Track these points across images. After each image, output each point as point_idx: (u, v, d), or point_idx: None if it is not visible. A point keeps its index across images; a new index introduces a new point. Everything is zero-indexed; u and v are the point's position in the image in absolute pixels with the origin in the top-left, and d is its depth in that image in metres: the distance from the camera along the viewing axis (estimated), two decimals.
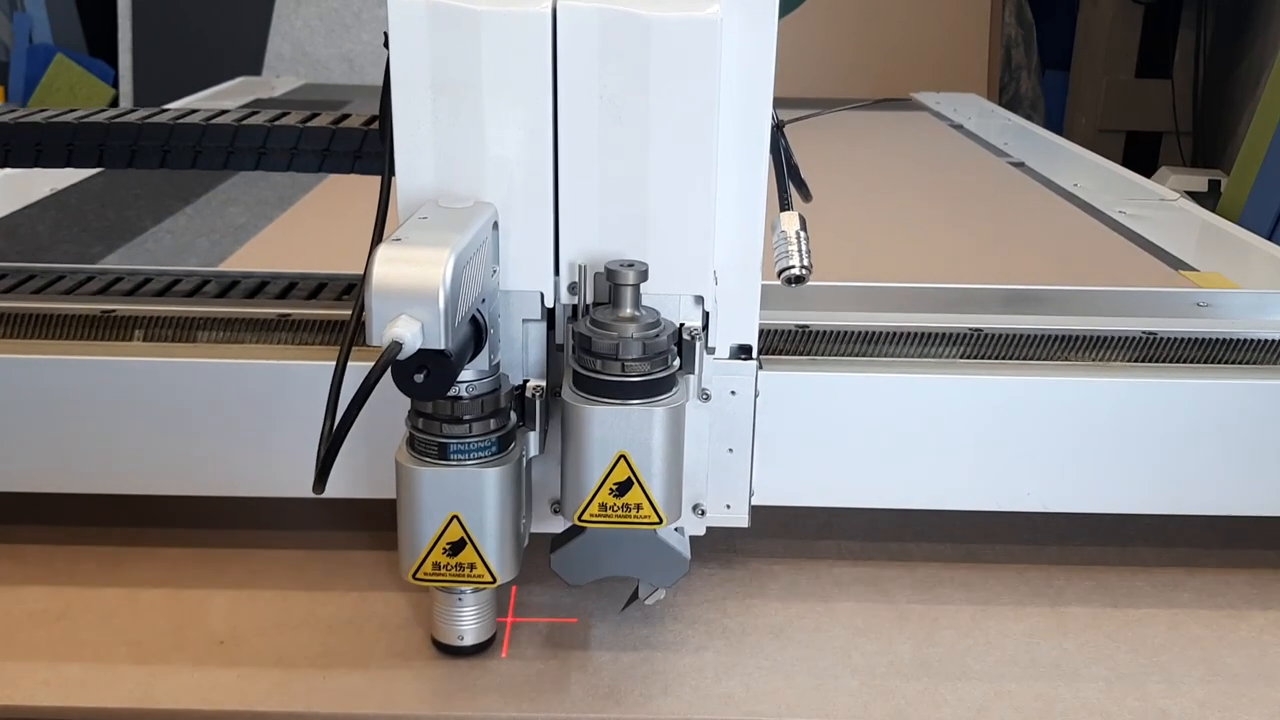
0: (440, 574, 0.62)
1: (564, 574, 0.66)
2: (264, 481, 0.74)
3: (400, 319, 0.52)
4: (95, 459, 0.73)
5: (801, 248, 0.68)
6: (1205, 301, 0.87)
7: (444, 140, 0.62)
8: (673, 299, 0.65)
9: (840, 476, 0.74)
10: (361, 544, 0.77)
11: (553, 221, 0.64)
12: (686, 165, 0.62)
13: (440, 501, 0.60)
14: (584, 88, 0.61)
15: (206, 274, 0.85)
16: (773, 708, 0.63)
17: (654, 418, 0.59)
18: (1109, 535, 0.81)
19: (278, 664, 0.65)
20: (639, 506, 0.61)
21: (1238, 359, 0.76)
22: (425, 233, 0.56)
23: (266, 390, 0.72)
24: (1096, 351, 0.76)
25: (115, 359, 0.72)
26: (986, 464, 0.73)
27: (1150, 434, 0.73)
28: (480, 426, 0.60)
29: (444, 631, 0.65)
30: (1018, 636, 0.70)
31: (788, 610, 0.71)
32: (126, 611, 0.70)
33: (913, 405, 0.72)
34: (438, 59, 0.61)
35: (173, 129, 0.77)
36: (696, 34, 0.60)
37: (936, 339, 0.76)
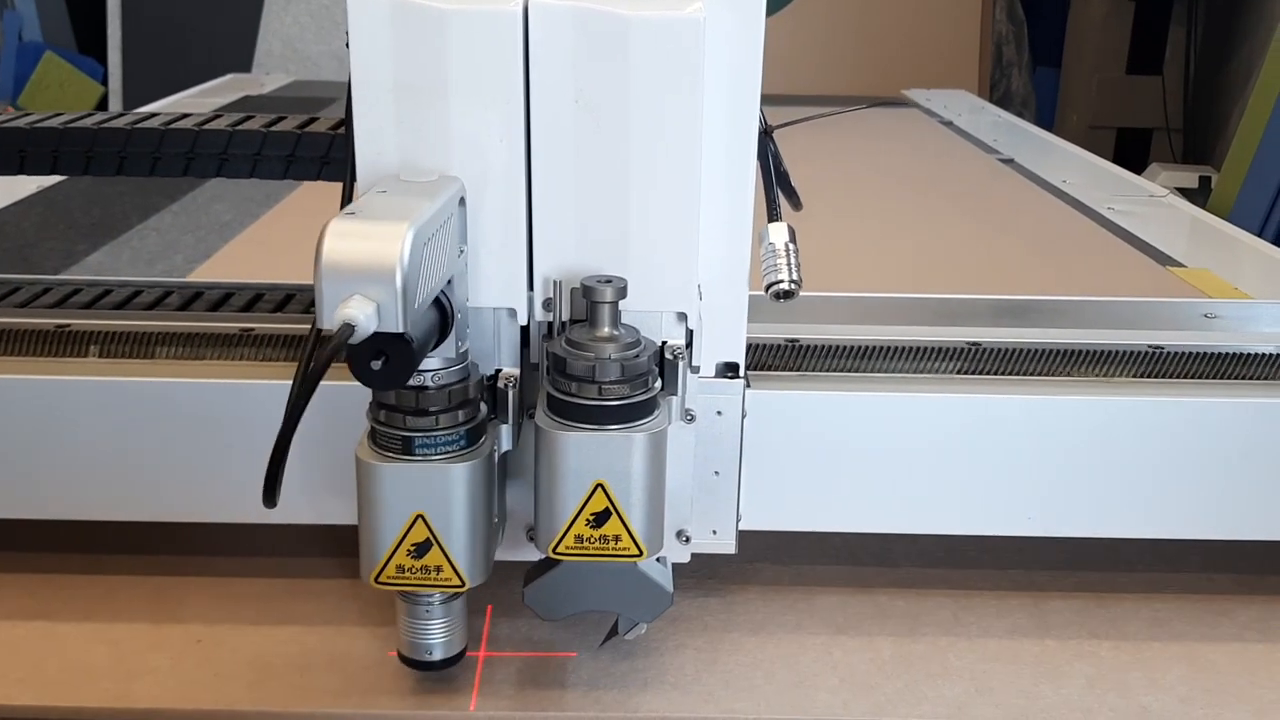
0: (404, 577, 0.58)
1: (539, 609, 0.62)
2: (222, 506, 0.70)
3: (353, 299, 0.48)
4: (48, 484, 0.70)
5: (791, 261, 0.65)
6: (1213, 313, 0.83)
7: (408, 147, 0.58)
8: (654, 316, 0.61)
9: (831, 500, 0.71)
10: (342, 546, 0.76)
11: (526, 234, 0.60)
12: (669, 174, 0.59)
13: (403, 500, 0.56)
14: (558, 92, 0.58)
15: (170, 285, 0.82)
16: (752, 705, 0.63)
17: (633, 444, 0.56)
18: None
19: (255, 663, 0.65)
20: (618, 538, 0.57)
21: (1249, 374, 0.73)
22: (383, 204, 0.53)
23: (224, 410, 0.68)
24: (1100, 366, 0.73)
25: (65, 378, 0.68)
26: (986, 486, 0.70)
27: (1157, 454, 0.69)
28: (447, 419, 0.56)
29: (410, 646, 0.61)
30: (1000, 633, 0.69)
31: (769, 607, 0.71)
32: (104, 610, 0.69)
33: (908, 424, 0.69)
34: (401, 61, 0.57)
35: (130, 134, 0.75)
36: (678, 34, 0.57)
37: (932, 353, 0.73)
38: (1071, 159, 1.79)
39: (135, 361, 0.73)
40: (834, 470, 0.70)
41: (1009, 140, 1.90)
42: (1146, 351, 0.73)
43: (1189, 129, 3.25)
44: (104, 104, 3.20)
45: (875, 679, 0.65)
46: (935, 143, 1.92)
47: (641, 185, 0.59)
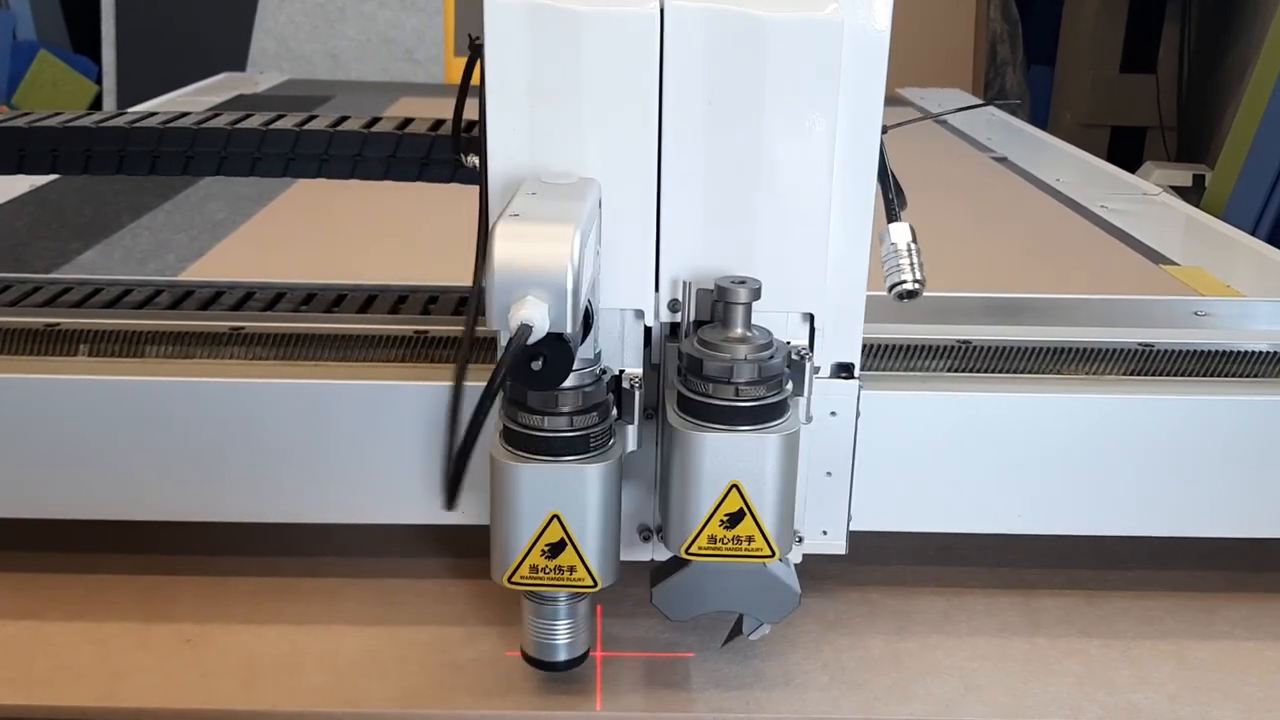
0: (538, 578, 0.58)
1: (667, 610, 0.62)
2: (213, 506, 0.70)
3: (527, 300, 0.49)
4: (38, 483, 0.69)
5: (914, 260, 0.64)
6: (1204, 310, 0.83)
7: (541, 148, 0.59)
8: (780, 316, 0.61)
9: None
10: (331, 547, 0.76)
11: (655, 236, 0.60)
12: (802, 176, 0.59)
13: (539, 500, 0.56)
14: (691, 93, 0.58)
15: (160, 284, 0.82)
16: (742, 703, 0.63)
17: (768, 445, 0.56)
18: None
19: (245, 662, 0.65)
20: (750, 539, 0.57)
21: (1239, 372, 0.73)
22: (541, 205, 0.53)
23: (214, 409, 0.68)
24: (1090, 364, 0.73)
25: (54, 377, 0.68)
26: (976, 484, 0.70)
27: (1147, 452, 0.69)
28: (582, 420, 0.56)
29: (537, 646, 0.61)
30: (990, 631, 0.69)
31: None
32: (93, 610, 0.69)
33: (898, 423, 0.69)
34: (537, 63, 0.57)
35: (230, 134, 0.75)
36: (818, 36, 0.56)
37: (923, 351, 0.73)
38: (1065, 157, 1.79)
39: (125, 360, 0.72)
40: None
41: (1003, 139, 1.90)
42: (1137, 349, 0.73)
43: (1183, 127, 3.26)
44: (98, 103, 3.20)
45: (865, 676, 0.65)
46: (929, 141, 1.92)
47: (772, 187, 0.59)
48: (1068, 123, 3.30)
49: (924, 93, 2.32)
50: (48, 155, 0.76)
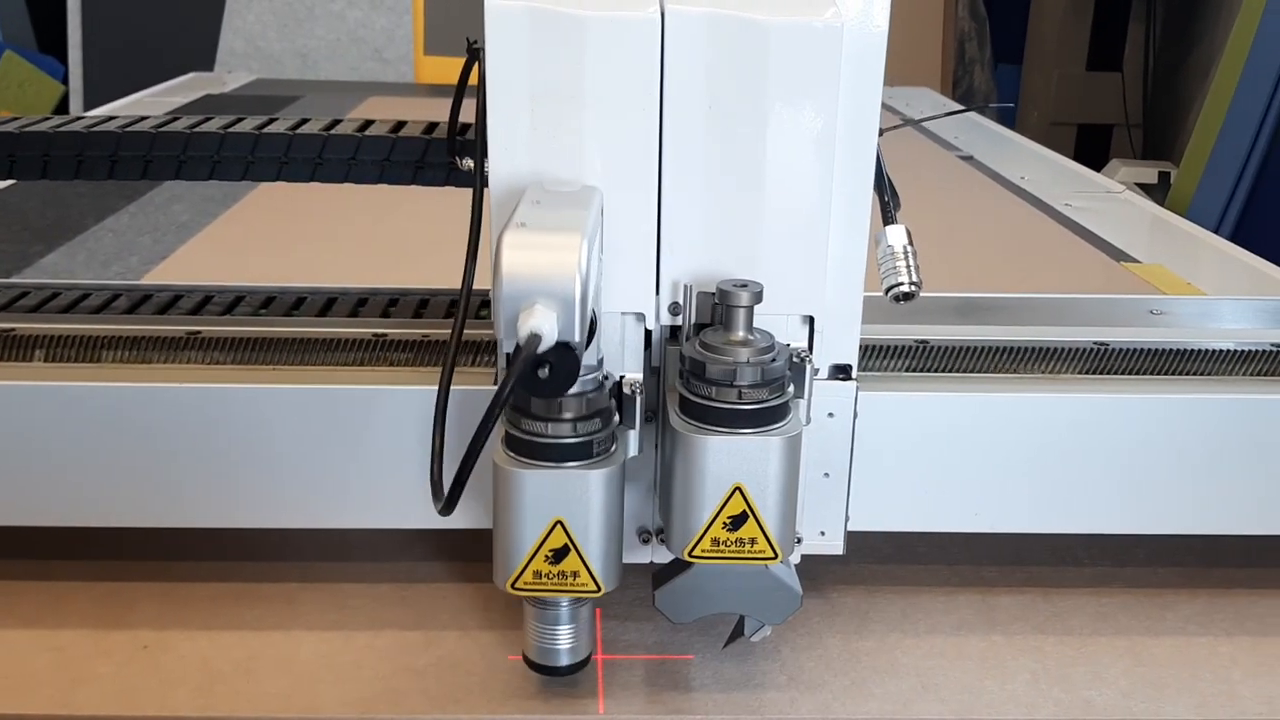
0: (541, 583, 0.58)
1: (669, 612, 0.63)
2: (170, 512, 0.70)
3: (535, 309, 0.49)
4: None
5: (910, 263, 0.65)
6: (1160, 309, 0.84)
7: (542, 153, 0.59)
8: (780, 319, 0.62)
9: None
10: (289, 552, 0.76)
11: (655, 240, 0.61)
12: (802, 179, 0.59)
13: (543, 506, 0.56)
14: (692, 98, 0.58)
15: (118, 288, 0.81)
16: (700, 704, 0.63)
17: (771, 448, 0.56)
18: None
19: (201, 668, 0.64)
20: (753, 541, 0.58)
21: (1193, 370, 0.74)
22: (546, 214, 0.53)
23: (171, 414, 0.68)
24: (1046, 363, 0.74)
25: (8, 383, 0.67)
26: (933, 484, 0.70)
27: (1101, 450, 0.70)
28: (586, 426, 0.56)
29: (539, 651, 0.61)
30: (947, 629, 0.70)
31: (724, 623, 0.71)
32: (49, 617, 0.69)
33: (861, 423, 0.67)
34: (537, 67, 0.58)
35: (223, 139, 0.75)
36: (818, 41, 0.57)
37: (881, 351, 0.73)
38: (1031, 156, 1.81)
39: (81, 366, 0.72)
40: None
41: (969, 137, 1.91)
42: (1092, 348, 0.74)
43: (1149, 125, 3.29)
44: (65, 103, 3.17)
45: (823, 676, 0.65)
46: (896, 140, 1.93)
47: (773, 190, 0.60)
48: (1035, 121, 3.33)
49: (892, 91, 2.33)
50: (4, 161, 0.75)
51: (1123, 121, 3.30)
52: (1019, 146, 1.88)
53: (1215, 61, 2.39)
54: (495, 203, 0.60)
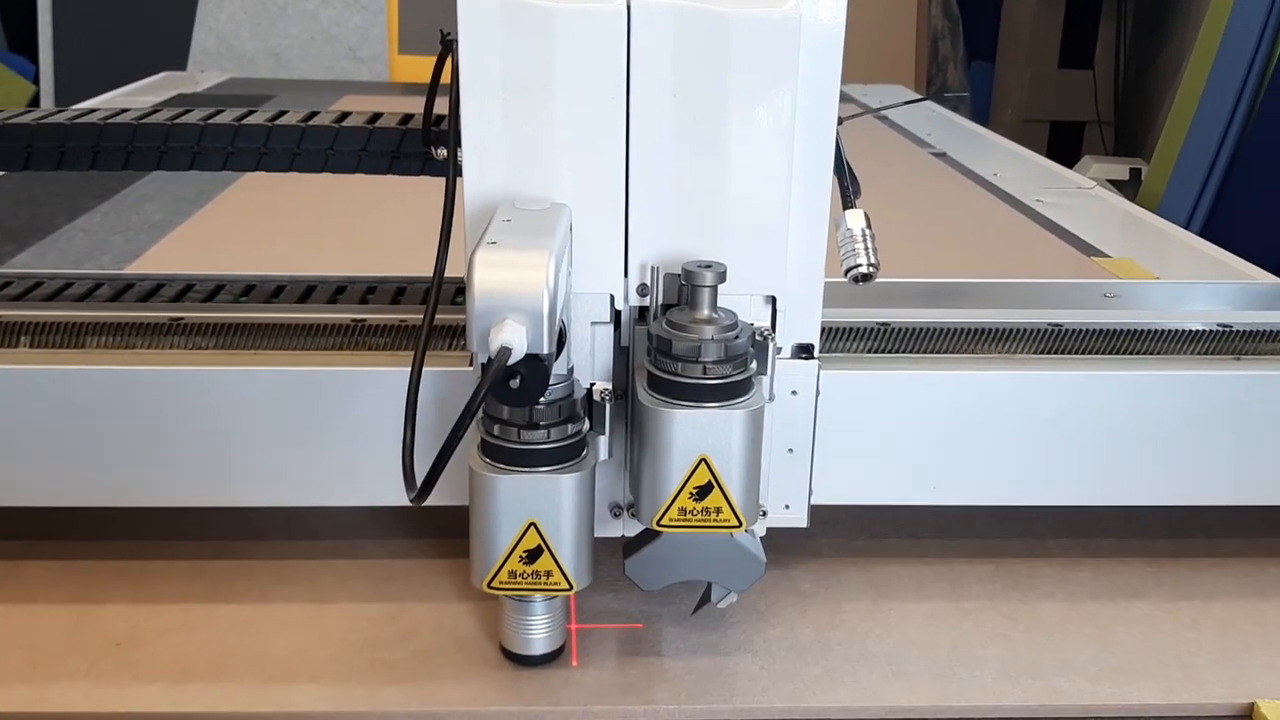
0: (516, 582, 0.60)
1: (639, 580, 0.65)
2: (156, 490, 0.71)
3: (505, 324, 0.52)
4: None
5: (869, 245, 0.67)
6: (1113, 292, 0.87)
7: (515, 141, 0.61)
8: (744, 299, 0.64)
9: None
10: (261, 551, 0.76)
11: (623, 222, 0.63)
12: (763, 164, 0.62)
13: (517, 509, 0.59)
14: (658, 86, 0.60)
15: (101, 277, 0.82)
16: (673, 694, 0.63)
17: (735, 421, 0.59)
18: (1011, 519, 0.82)
19: (174, 666, 0.64)
20: (719, 510, 0.60)
21: (1142, 349, 0.76)
22: (517, 235, 0.56)
23: (155, 397, 0.69)
24: (1003, 343, 0.76)
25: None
26: (893, 458, 0.72)
27: (1056, 425, 0.72)
28: (558, 432, 0.59)
29: (515, 641, 0.64)
30: (918, 619, 0.71)
31: (692, 597, 0.72)
32: (21, 616, 0.68)
33: (823, 401, 0.70)
34: (509, 58, 0.60)
35: (203, 130, 0.76)
36: (778, 32, 0.60)
37: (843, 334, 0.75)
38: (1003, 152, 1.82)
39: (66, 351, 0.73)
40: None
41: (943, 134, 1.92)
42: (1047, 329, 0.76)
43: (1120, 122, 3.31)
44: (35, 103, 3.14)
45: (795, 665, 0.66)
46: (870, 137, 1.94)
47: (736, 175, 0.62)
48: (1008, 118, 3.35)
49: (866, 89, 2.35)
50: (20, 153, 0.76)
51: (1094, 118, 3.32)
52: (992, 143, 1.89)
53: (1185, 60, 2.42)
54: (469, 190, 0.62)
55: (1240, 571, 0.77)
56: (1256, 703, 0.64)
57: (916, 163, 1.75)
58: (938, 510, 0.83)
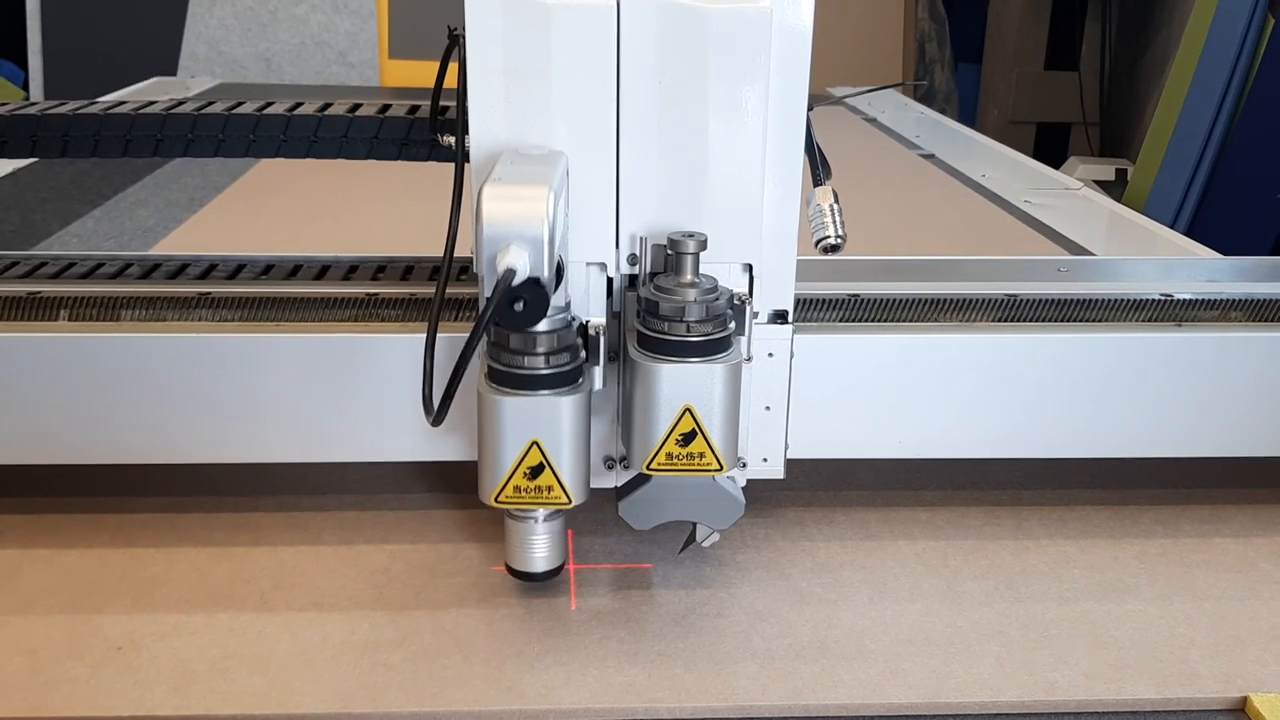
0: (520, 497, 0.66)
1: (631, 520, 0.71)
2: (188, 448, 0.76)
3: (510, 248, 0.58)
4: (19, 429, 0.75)
5: (836, 219, 0.74)
6: (1066, 267, 0.93)
7: (515, 122, 0.67)
8: (723, 267, 0.70)
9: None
10: (261, 553, 0.77)
11: (615, 198, 0.69)
12: (739, 145, 0.67)
13: (521, 429, 0.64)
14: (644, 74, 0.66)
15: (129, 258, 0.87)
16: (672, 694, 0.64)
17: (716, 373, 0.65)
18: (1003, 515, 0.83)
19: (176, 668, 0.65)
20: (702, 455, 0.66)
21: (1091, 317, 0.82)
22: (520, 171, 0.62)
23: (188, 364, 0.74)
24: (963, 313, 0.82)
25: (40, 336, 0.74)
26: (862, 416, 0.78)
27: (1008, 384, 0.78)
28: (557, 359, 0.65)
29: (519, 559, 0.70)
30: (914, 617, 0.71)
31: (691, 597, 0.72)
32: (22, 620, 0.69)
33: (797, 364, 0.76)
34: (510, 48, 0.66)
35: (227, 119, 0.80)
36: (750, 25, 0.66)
37: (817, 304, 0.81)
38: (990, 153, 1.83)
39: (103, 324, 0.78)
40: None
41: (931, 136, 1.94)
42: (1004, 299, 0.83)
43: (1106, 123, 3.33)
44: None
45: (792, 664, 0.66)
46: (859, 139, 1.95)
47: (715, 154, 0.68)
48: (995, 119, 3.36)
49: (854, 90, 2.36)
50: (27, 140, 0.81)
51: (1080, 120, 3.34)
52: (979, 145, 1.90)
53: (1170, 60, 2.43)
54: (476, 168, 0.68)
55: (1232, 567, 0.78)
56: (1249, 697, 0.64)
57: (906, 164, 1.76)
58: (932, 509, 0.83)
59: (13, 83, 3.21)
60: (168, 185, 1.55)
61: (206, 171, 1.63)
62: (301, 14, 2.95)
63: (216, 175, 1.60)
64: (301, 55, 2.97)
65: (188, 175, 1.61)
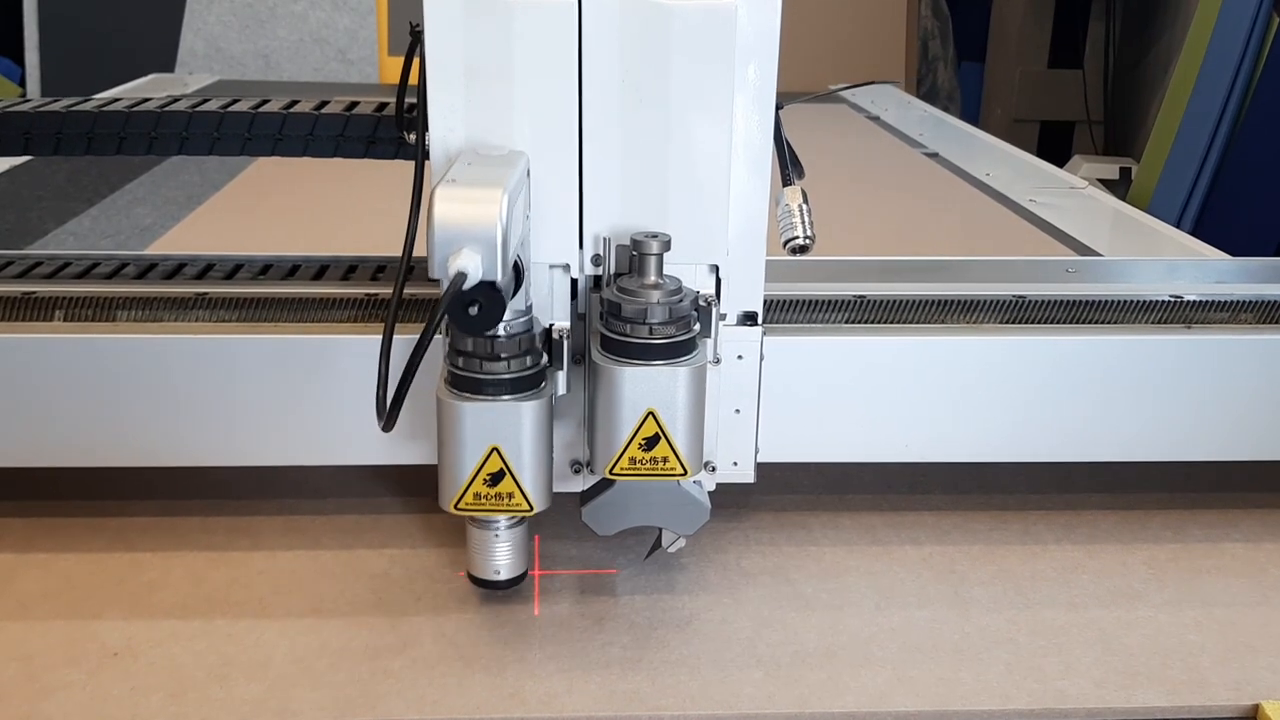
0: (481, 504, 0.65)
1: (594, 525, 0.70)
2: (181, 451, 0.75)
3: (462, 252, 0.56)
4: (14, 432, 0.74)
5: (805, 219, 0.73)
6: (1074, 268, 0.92)
7: (476, 122, 0.66)
8: (689, 268, 0.68)
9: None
10: (259, 559, 0.76)
11: (578, 198, 0.67)
12: (705, 144, 0.66)
13: (481, 434, 0.63)
14: (607, 72, 0.65)
15: (125, 257, 0.86)
16: (677, 701, 0.63)
17: (679, 377, 0.64)
18: (1011, 520, 0.82)
19: (173, 675, 0.64)
20: (665, 459, 0.65)
21: (1100, 319, 0.81)
22: (475, 173, 0.60)
23: (183, 365, 0.73)
24: (971, 314, 0.81)
25: (34, 336, 0.73)
26: (869, 419, 0.77)
27: (1016, 387, 0.77)
28: (518, 364, 0.63)
29: (480, 567, 0.68)
30: (921, 624, 0.70)
31: (695, 603, 0.72)
32: (16, 626, 0.68)
33: (798, 366, 0.76)
34: (471, 46, 0.64)
35: (190, 117, 0.79)
36: (715, 22, 0.64)
37: (823, 306, 0.80)
38: (994, 152, 1.82)
39: (99, 324, 0.77)
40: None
41: (934, 134, 1.93)
42: (1012, 300, 0.81)
43: (1110, 121, 3.32)
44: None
45: (799, 671, 0.66)
46: (862, 137, 1.94)
47: (679, 154, 0.67)
48: (998, 118, 3.35)
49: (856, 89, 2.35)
50: (20, 138, 0.80)
51: (1084, 118, 3.33)
52: (983, 143, 1.89)
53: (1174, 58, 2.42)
54: (436, 168, 0.66)
55: (1242, 573, 0.77)
56: (1261, 705, 0.64)
57: (910, 163, 1.75)
58: (939, 513, 0.83)
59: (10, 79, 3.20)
60: (165, 183, 1.54)
61: (204, 169, 1.62)
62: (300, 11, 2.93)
63: (214, 173, 1.59)
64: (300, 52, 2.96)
65: (185, 173, 1.60)
